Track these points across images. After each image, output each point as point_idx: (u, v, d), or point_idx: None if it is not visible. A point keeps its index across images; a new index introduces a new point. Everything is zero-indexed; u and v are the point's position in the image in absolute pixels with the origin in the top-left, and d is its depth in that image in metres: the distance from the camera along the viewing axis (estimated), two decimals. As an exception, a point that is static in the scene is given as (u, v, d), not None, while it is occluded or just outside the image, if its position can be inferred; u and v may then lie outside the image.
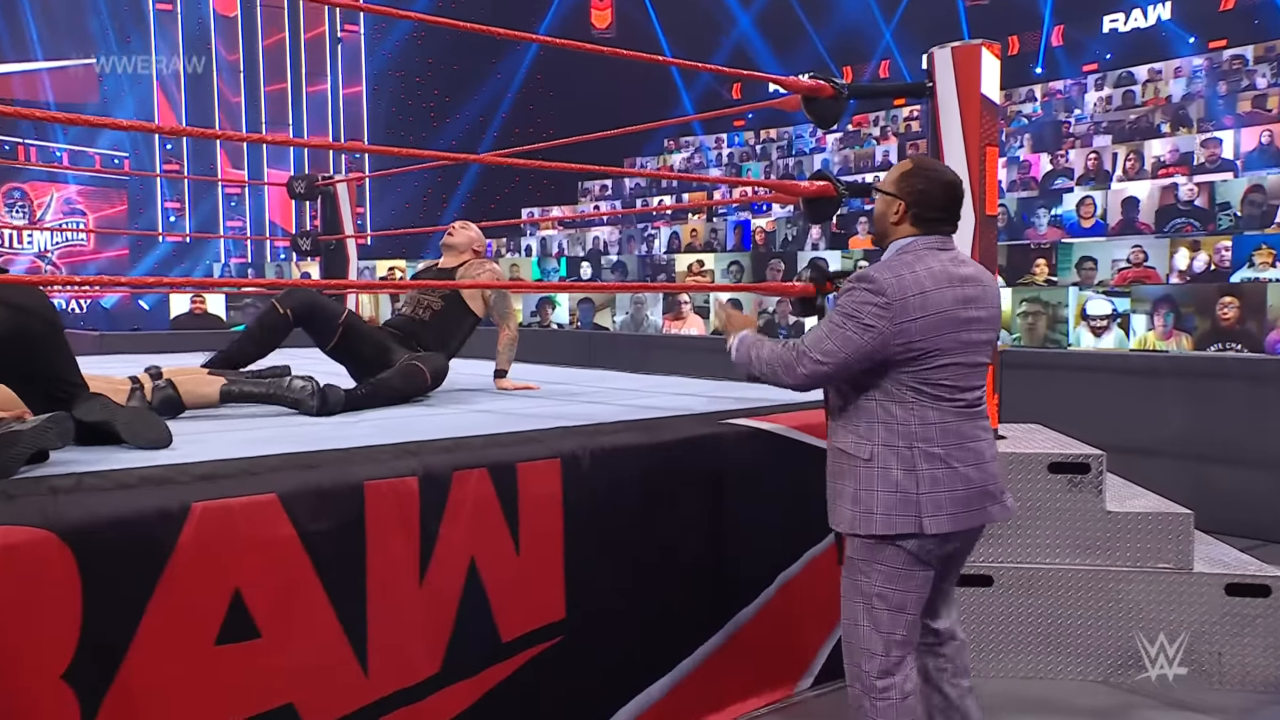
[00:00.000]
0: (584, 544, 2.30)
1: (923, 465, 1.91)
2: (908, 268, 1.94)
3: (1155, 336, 5.36)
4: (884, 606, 1.95)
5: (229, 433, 2.51)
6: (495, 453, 2.20)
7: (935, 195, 2.00)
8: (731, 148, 14.91)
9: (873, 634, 1.96)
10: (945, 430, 1.93)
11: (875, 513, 1.93)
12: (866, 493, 1.94)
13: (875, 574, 1.95)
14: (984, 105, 3.04)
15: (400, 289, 9.42)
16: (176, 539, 1.71)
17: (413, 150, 2.72)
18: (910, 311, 1.90)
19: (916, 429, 1.92)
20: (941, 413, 1.93)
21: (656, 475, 2.46)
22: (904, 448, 1.92)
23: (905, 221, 2.01)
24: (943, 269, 1.95)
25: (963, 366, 1.95)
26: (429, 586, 2.04)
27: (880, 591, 1.95)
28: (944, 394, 1.93)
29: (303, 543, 1.86)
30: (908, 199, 2.00)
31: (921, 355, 1.91)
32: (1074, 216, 7.32)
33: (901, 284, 1.91)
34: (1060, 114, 10.92)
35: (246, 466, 1.91)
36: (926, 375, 1.92)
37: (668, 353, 7.07)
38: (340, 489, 1.93)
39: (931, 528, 1.91)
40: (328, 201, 6.10)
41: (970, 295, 1.96)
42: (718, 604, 2.61)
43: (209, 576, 1.75)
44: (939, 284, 1.93)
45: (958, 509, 1.93)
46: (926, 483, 1.91)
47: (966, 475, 1.94)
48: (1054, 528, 2.96)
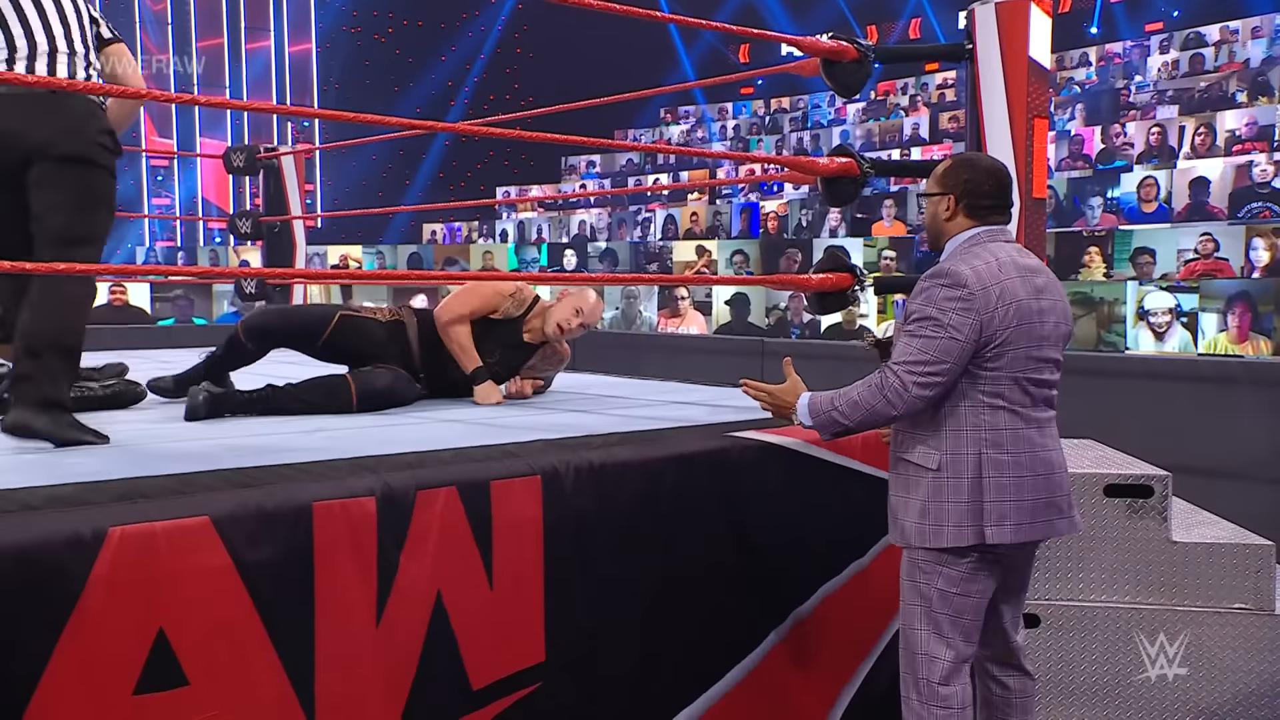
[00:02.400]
0: (568, 576, 2.29)
1: (990, 473, 2.10)
2: (979, 257, 2.11)
3: (1228, 339, 5.38)
4: (945, 610, 2.15)
5: (153, 442, 2.49)
6: (466, 469, 2.19)
7: (983, 182, 2.18)
8: (738, 119, 14.94)
9: (933, 639, 2.16)
10: (1016, 437, 2.11)
11: (945, 525, 2.12)
12: (935, 505, 2.12)
13: (938, 577, 2.15)
14: (1032, 70, 3.04)
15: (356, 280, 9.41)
16: (89, 570, 1.69)
17: (370, 116, 2.70)
18: (992, 301, 2.06)
19: (986, 435, 2.10)
20: (1014, 418, 2.11)
21: (652, 496, 2.45)
22: (972, 455, 2.10)
23: (959, 215, 2.20)
24: (1009, 258, 2.12)
25: (1036, 362, 2.12)
26: (388, 626, 2.02)
27: (942, 593, 2.15)
28: (1016, 397, 2.11)
29: (240, 574, 1.84)
30: (956, 191, 2.19)
31: (999, 352, 2.08)
32: (1133, 200, 7.34)
33: (978, 274, 2.08)
34: (1118, 81, 10.98)
35: (174, 484, 1.89)
36: (1000, 375, 2.09)
37: (664, 355, 7.06)
38: (284, 511, 1.91)
39: (994, 538, 2.09)
40: (271, 177, 6.07)
41: (1040, 285, 2.13)
42: (719, 647, 2.60)
43: (128, 614, 1.73)
44: (1010, 273, 2.10)
45: (1023, 519, 2.11)
46: (993, 491, 2.09)
47: (1034, 485, 2.12)
48: (1111, 560, 2.96)
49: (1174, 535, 2.97)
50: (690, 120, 15.48)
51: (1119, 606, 2.94)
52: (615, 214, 11.34)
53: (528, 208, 13.09)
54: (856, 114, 13.16)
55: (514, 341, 3.42)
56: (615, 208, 11.78)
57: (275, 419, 2.94)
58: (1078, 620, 2.95)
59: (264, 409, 3.02)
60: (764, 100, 15.15)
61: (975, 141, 3.11)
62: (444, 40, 16.79)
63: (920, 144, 11.04)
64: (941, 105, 12.29)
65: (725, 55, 16.59)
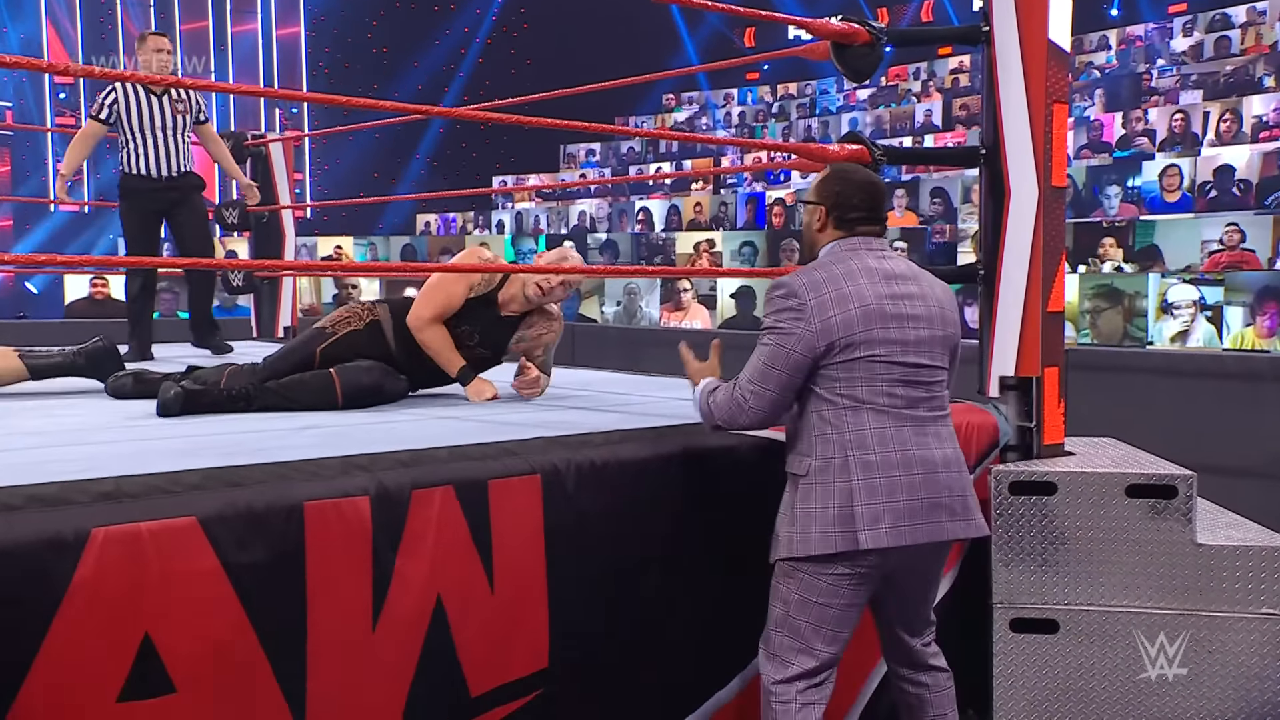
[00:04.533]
0: (571, 578, 2.29)
1: (858, 475, 2.13)
2: (824, 268, 2.22)
3: (1255, 334, 5.37)
4: (804, 618, 2.19)
5: (137, 441, 2.49)
6: (463, 467, 2.19)
7: (852, 195, 2.28)
8: (743, 105, 14.92)
9: (789, 644, 2.22)
10: (884, 437, 2.15)
11: (812, 532, 2.15)
12: (803, 511, 2.17)
13: (798, 583, 2.19)
14: (1052, 54, 3.03)
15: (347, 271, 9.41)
16: (72, 573, 1.69)
17: (362, 101, 2.70)
18: (828, 307, 2.15)
19: (851, 437, 2.15)
20: (881, 418, 2.16)
21: (658, 495, 2.45)
22: (839, 459, 2.15)
23: (828, 227, 2.30)
24: (865, 265, 2.21)
25: (902, 367, 2.18)
26: (384, 630, 2.02)
27: (802, 601, 2.19)
28: (882, 398, 2.16)
29: (229, 577, 1.84)
30: (828, 203, 2.30)
31: (850, 354, 2.15)
32: (1155, 188, 7.33)
33: (814, 282, 2.18)
34: (1139, 64, 10.96)
35: (160, 483, 1.89)
36: (859, 377, 2.16)
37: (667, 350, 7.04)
38: (275, 511, 1.91)
39: (868, 542, 2.11)
40: (258, 165, 6.08)
41: (903, 292, 2.21)
42: (729, 649, 2.60)
43: (112, 619, 1.73)
44: (858, 278, 2.19)
45: (900, 521, 2.13)
46: (863, 494, 2.13)
47: (911, 484, 2.15)
48: (1132, 563, 2.96)
49: (1199, 537, 2.96)
50: (694, 106, 15.46)
51: (1141, 612, 2.94)
52: (616, 204, 11.33)
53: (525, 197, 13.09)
54: (867, 100, 13.14)
55: (493, 317, 3.38)
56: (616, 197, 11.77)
57: (262, 416, 2.94)
58: (1098, 625, 2.94)
59: (245, 407, 3.02)
60: (770, 86, 15.13)
61: (992, 128, 3.10)
62: (438, 23, 16.77)
63: (933, 131, 11.02)
64: (955, 91, 12.27)
65: (730, 39, 16.56)
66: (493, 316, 3.38)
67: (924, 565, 2.30)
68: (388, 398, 3.21)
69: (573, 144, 14.76)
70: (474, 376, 3.34)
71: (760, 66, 15.51)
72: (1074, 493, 2.93)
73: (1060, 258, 3.14)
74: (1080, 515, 2.93)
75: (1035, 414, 3.11)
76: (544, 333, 3.49)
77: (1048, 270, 3.07)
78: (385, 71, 16.45)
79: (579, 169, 14.27)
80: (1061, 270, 3.15)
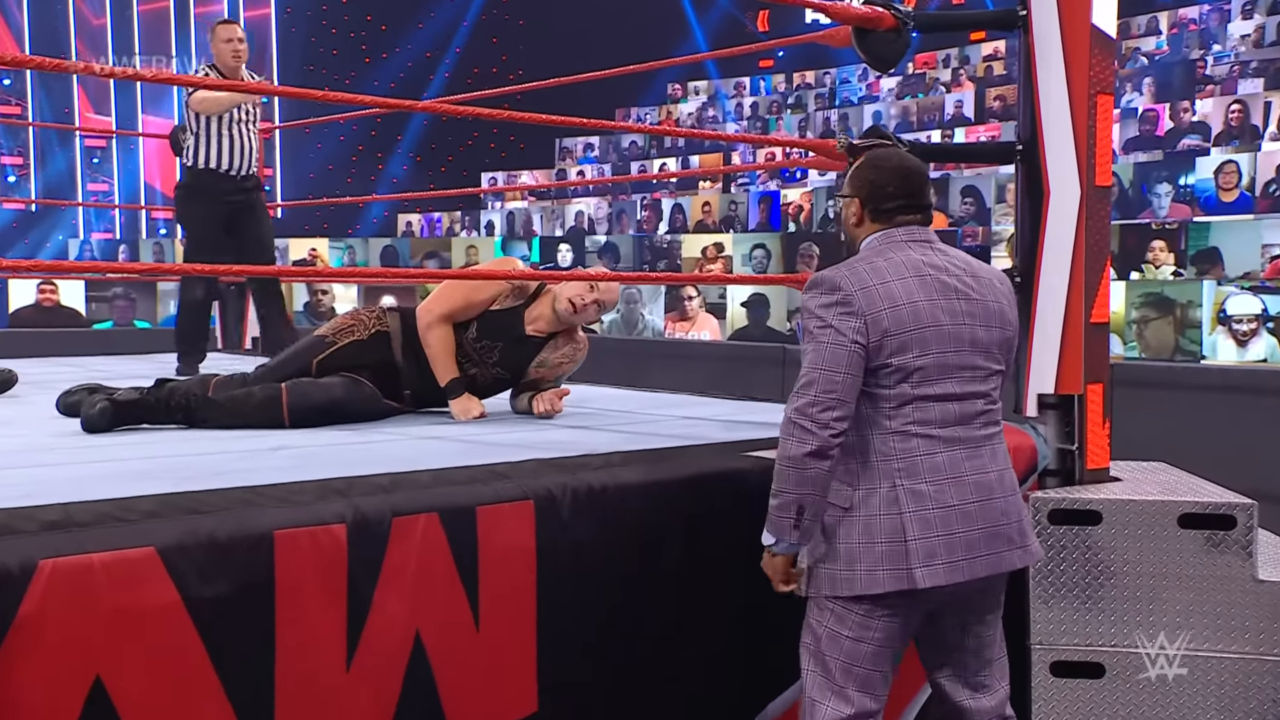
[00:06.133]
0: (564, 614, 2.29)
1: (909, 506, 2.09)
2: (864, 262, 2.17)
3: (1320, 347, 5.37)
4: (835, 655, 2.15)
5: (88, 463, 2.49)
6: (449, 492, 2.19)
7: (887, 182, 2.25)
8: (756, 95, 14.98)
9: (820, 684, 2.17)
10: (935, 463, 2.11)
11: (857, 571, 2.10)
12: (846, 546, 2.12)
13: (829, 615, 2.16)
14: (1095, 40, 3.04)
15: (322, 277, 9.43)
16: (16, 609, 1.69)
17: (338, 94, 2.72)
18: (876, 303, 2.09)
19: (899, 464, 2.10)
20: (931, 440, 2.11)
21: (660, 524, 2.45)
22: (885, 489, 2.10)
23: (865, 220, 2.27)
24: (908, 258, 2.17)
25: (957, 377, 2.14)
26: (359, 671, 2.02)
27: (833, 635, 2.15)
28: (932, 415, 2.11)
29: (189, 613, 1.83)
30: (862, 194, 2.27)
31: (901, 359, 2.09)
32: (1210, 187, 7.35)
33: (857, 275, 2.13)
34: (1193, 50, 10.98)
35: (113, 510, 1.89)
36: (905, 391, 2.11)
37: (671, 363, 7.07)
38: (241, 541, 1.91)
39: (926, 580, 2.07)
40: (224, 160, 6.07)
41: (956, 286, 2.17)
42: (737, 693, 2.60)
43: (61, 659, 1.73)
44: (904, 272, 2.14)
45: (957, 555, 2.09)
46: (915, 527, 2.08)
47: (966, 514, 2.11)
48: (1187, 601, 2.95)
49: (1260, 573, 2.95)
50: (702, 97, 15.51)
51: (1196, 655, 2.93)
52: (616, 204, 11.37)
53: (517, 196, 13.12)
54: (891, 90, 13.18)
55: (517, 335, 3.35)
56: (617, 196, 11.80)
57: (229, 435, 2.94)
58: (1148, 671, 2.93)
59: (184, 419, 3.02)
60: (786, 75, 15.18)
61: (1029, 121, 3.11)
62: (422, 4, 16.84)
63: (964, 124, 11.06)
64: (989, 80, 12.31)
65: (742, 23, 16.62)
66: (517, 335, 3.36)
67: (980, 601, 2.23)
68: (349, 418, 3.17)
69: (569, 138, 14.81)
70: (463, 391, 3.33)
71: (775, 53, 15.56)
72: (1120, 522, 2.93)
73: (1105, 263, 3.15)
74: (1127, 548, 2.92)
75: (1077, 435, 3.11)
76: (564, 362, 3.47)
77: (1090, 277, 3.07)
78: (364, 57, 16.52)
79: (576, 165, 14.32)
80: (1106, 277, 3.15)
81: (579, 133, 14.48)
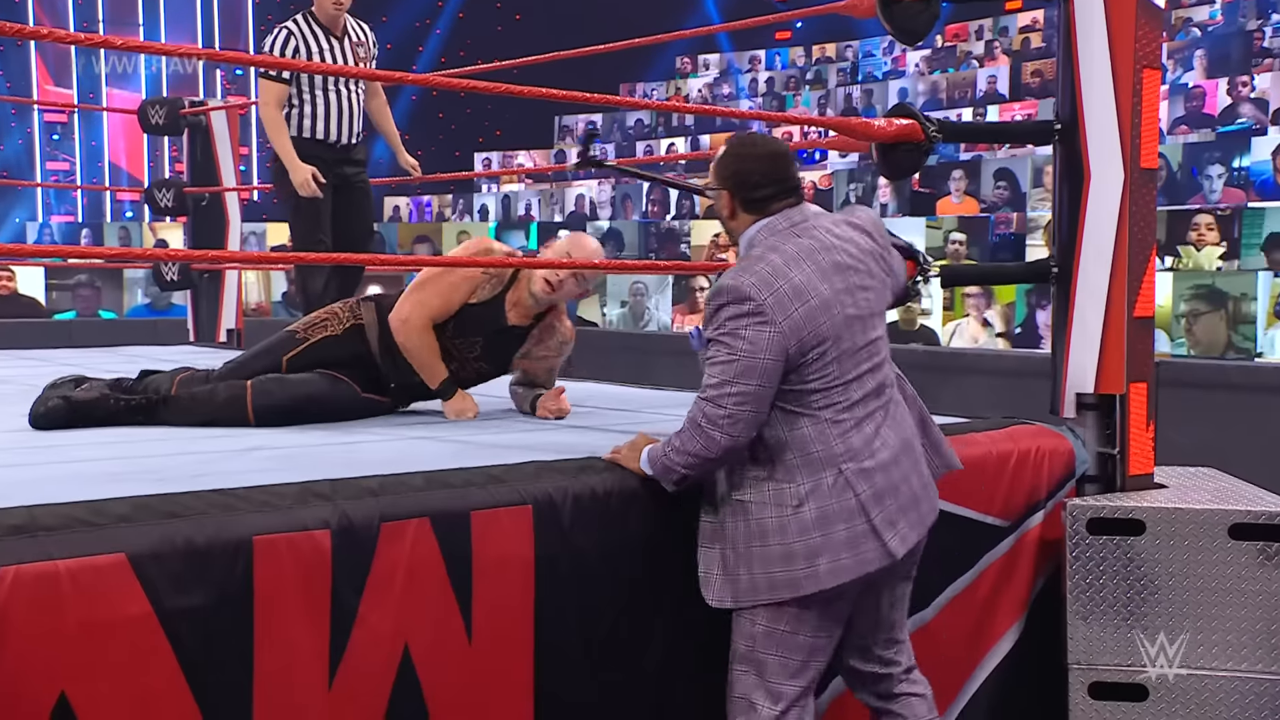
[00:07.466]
0: (564, 627, 2.29)
1: (862, 487, 2.23)
2: (761, 262, 2.25)
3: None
4: (771, 651, 2.26)
5: (55, 464, 2.50)
6: (442, 496, 2.20)
7: (753, 170, 2.33)
8: (772, 70, 14.97)
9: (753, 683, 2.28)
10: (866, 436, 2.26)
11: (819, 564, 2.20)
12: (803, 544, 2.21)
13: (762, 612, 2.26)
14: (1141, 10, 3.05)
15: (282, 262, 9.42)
16: (-23, 619, 1.70)
17: (321, 65, 2.73)
18: (787, 304, 2.20)
19: (839, 448, 2.24)
20: (860, 417, 2.26)
21: (668, 531, 2.45)
22: (830, 477, 2.23)
23: (739, 212, 2.36)
24: (800, 246, 2.27)
25: (867, 351, 2.29)
26: (342, 687, 2.03)
27: (769, 631, 2.26)
28: (855, 393, 2.26)
29: (162, 625, 1.84)
30: (729, 186, 2.35)
31: (819, 351, 2.22)
32: (1267, 169, 7.33)
33: (761, 279, 2.21)
34: (1249, 21, 10.94)
35: (81, 514, 1.89)
36: (832, 377, 2.24)
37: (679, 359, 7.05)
38: (219, 547, 1.92)
39: (899, 548, 2.24)
40: (198, 138, 6.11)
41: (845, 262, 2.30)
42: None
43: (23, 673, 1.73)
44: (801, 264, 2.24)
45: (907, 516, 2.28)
46: (873, 504, 2.23)
47: (905, 476, 2.31)
48: (1238, 618, 2.96)
49: (1316, 587, 2.96)
50: (713, 72, 15.50)
51: (1248, 676, 2.93)
52: (620, 187, 11.37)
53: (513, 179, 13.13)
54: (919, 64, 13.17)
55: (498, 327, 3.36)
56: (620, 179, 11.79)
57: (205, 433, 2.95)
58: (1195, 693, 2.94)
59: (145, 419, 3.03)
60: (804, 47, 15.17)
61: (1069, 98, 3.12)
62: (410, -30, 16.85)
63: (998, 101, 11.05)
64: (1025, 54, 12.30)
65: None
66: (499, 326, 3.37)
67: (908, 560, 2.35)
68: (323, 416, 3.18)
69: (570, 115, 14.80)
70: (456, 391, 3.35)
71: (793, 24, 15.53)
72: (1166, 533, 2.93)
73: (1150, 253, 3.15)
74: (1173, 560, 2.93)
75: (1119, 438, 3.12)
76: (549, 354, 3.49)
77: (1134, 268, 3.08)
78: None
79: (576, 145, 14.31)
80: (1151, 268, 3.16)
81: (580, 110, 14.48)
